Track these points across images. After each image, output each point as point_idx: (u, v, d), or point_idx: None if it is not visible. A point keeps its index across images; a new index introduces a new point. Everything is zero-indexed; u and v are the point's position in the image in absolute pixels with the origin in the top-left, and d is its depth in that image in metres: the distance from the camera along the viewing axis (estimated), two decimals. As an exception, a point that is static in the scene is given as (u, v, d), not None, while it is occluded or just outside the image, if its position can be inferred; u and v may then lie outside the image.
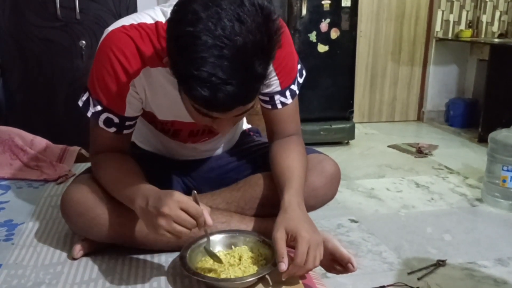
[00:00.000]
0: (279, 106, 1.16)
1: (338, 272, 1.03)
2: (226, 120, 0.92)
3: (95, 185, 1.09)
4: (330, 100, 3.70)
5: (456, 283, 1.82)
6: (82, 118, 1.13)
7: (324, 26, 3.54)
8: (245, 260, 1.01)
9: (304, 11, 3.48)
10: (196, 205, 0.91)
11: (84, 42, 2.79)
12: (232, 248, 1.07)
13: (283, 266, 0.92)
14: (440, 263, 1.93)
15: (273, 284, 0.98)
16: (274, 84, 1.12)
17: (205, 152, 1.32)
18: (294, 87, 1.16)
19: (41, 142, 1.78)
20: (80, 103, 1.08)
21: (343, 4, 3.53)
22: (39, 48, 2.76)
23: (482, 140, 3.65)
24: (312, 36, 3.55)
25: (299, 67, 1.19)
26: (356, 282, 1.77)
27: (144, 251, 1.12)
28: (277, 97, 1.14)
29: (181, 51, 0.80)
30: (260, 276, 0.96)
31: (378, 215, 2.45)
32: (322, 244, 0.96)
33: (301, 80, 1.19)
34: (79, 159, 1.79)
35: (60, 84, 2.83)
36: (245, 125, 1.47)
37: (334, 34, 3.57)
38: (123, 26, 1.02)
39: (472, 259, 1.99)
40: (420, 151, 3.57)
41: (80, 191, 1.08)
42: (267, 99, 1.15)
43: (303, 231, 0.94)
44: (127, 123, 1.09)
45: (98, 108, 1.05)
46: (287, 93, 1.15)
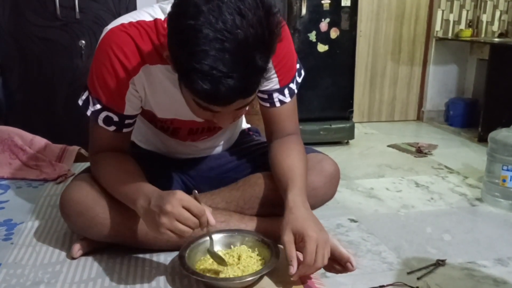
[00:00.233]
0: (277, 104, 1.16)
1: (337, 272, 1.04)
2: (226, 114, 0.92)
3: (94, 184, 1.09)
4: (330, 100, 3.69)
5: (456, 283, 1.82)
6: (82, 118, 1.13)
7: (324, 25, 3.54)
8: (244, 260, 1.02)
9: (303, 11, 3.47)
10: (199, 204, 0.91)
11: (83, 42, 2.79)
12: (231, 247, 1.07)
13: (292, 270, 0.93)
14: (440, 263, 1.92)
15: (272, 284, 0.98)
16: (273, 81, 1.12)
17: (205, 150, 1.32)
18: (292, 86, 1.16)
19: (41, 142, 1.79)
20: (80, 102, 1.08)
21: (343, 4, 3.53)
22: (39, 48, 2.76)
23: (482, 139, 3.64)
24: (312, 36, 3.55)
25: (298, 66, 1.19)
26: (355, 282, 1.76)
27: (143, 250, 1.12)
28: (275, 95, 1.14)
29: (182, 44, 0.80)
30: (259, 275, 0.96)
31: (377, 215, 2.45)
32: (329, 241, 0.97)
33: (299, 80, 1.19)
34: (79, 158, 1.79)
35: (60, 84, 2.83)
36: (245, 124, 1.47)
37: (334, 33, 3.57)
38: (122, 25, 1.02)
39: (472, 259, 1.99)
40: (419, 151, 3.57)
41: (79, 190, 1.08)
42: (265, 97, 1.15)
43: (310, 230, 0.94)
44: (127, 122, 1.09)
45: (98, 106, 1.05)
46: (286, 91, 1.15)
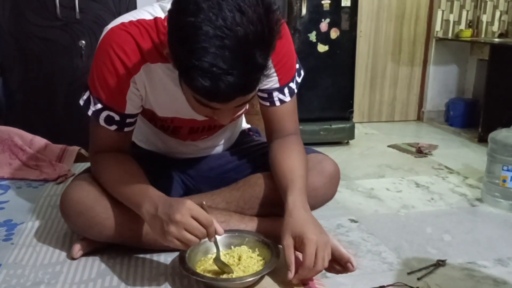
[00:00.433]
0: (277, 103, 1.16)
1: (337, 272, 1.03)
2: (226, 111, 0.92)
3: (94, 184, 1.09)
4: (330, 100, 3.69)
5: (456, 283, 1.82)
6: (82, 118, 1.12)
7: (324, 26, 3.54)
8: (244, 260, 1.02)
9: (304, 11, 3.47)
10: (207, 214, 0.91)
11: (84, 42, 2.79)
12: (232, 248, 1.07)
13: (290, 275, 0.93)
14: (440, 263, 1.92)
15: (272, 284, 0.98)
16: (273, 80, 1.12)
17: (205, 150, 1.32)
18: (292, 85, 1.16)
19: (41, 142, 1.79)
20: (81, 102, 1.08)
21: (343, 4, 3.53)
22: (39, 48, 2.76)
23: (482, 140, 3.64)
24: (312, 36, 3.54)
25: (298, 66, 1.19)
26: (355, 282, 1.76)
27: (144, 250, 1.12)
28: (275, 94, 1.14)
29: (182, 41, 0.80)
30: (260, 276, 0.96)
31: (377, 215, 2.45)
32: (329, 243, 0.97)
33: (299, 80, 1.19)
34: (79, 158, 1.79)
35: (60, 83, 2.83)
36: (245, 124, 1.46)
37: (334, 34, 3.57)
38: (122, 24, 1.02)
39: (472, 259, 1.98)
40: (420, 151, 3.57)
41: (79, 190, 1.08)
42: (265, 96, 1.15)
43: (310, 233, 0.94)
44: (128, 121, 1.09)
45: (99, 106, 1.05)
46: (286, 90, 1.15)
